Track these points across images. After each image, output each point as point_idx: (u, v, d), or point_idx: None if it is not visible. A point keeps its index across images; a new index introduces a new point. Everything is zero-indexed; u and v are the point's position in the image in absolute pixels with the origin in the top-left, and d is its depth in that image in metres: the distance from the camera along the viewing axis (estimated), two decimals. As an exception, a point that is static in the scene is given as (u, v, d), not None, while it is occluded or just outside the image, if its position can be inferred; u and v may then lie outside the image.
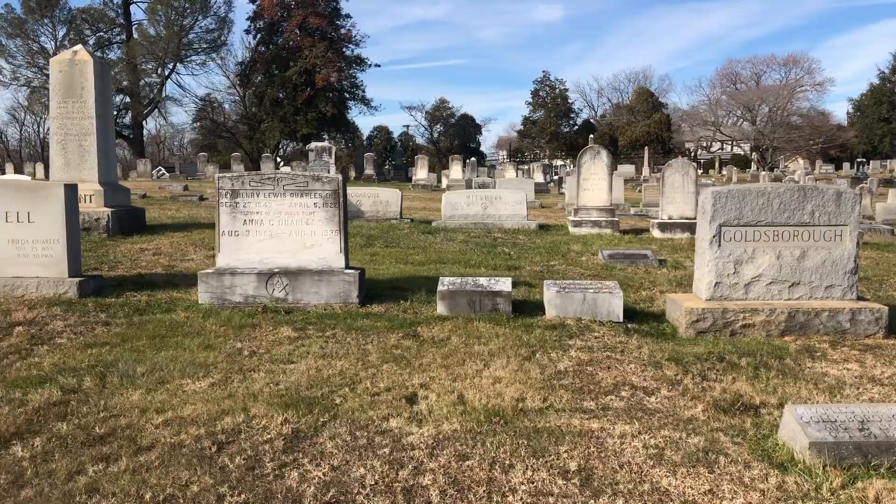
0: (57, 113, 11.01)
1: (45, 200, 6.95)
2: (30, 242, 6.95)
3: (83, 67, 10.99)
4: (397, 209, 14.02)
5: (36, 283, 6.89)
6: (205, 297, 6.90)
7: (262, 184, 6.95)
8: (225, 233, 7.00)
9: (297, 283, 6.92)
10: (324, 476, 3.48)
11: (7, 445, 3.72)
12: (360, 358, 5.36)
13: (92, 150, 11.06)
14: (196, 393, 4.53)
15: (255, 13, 58.22)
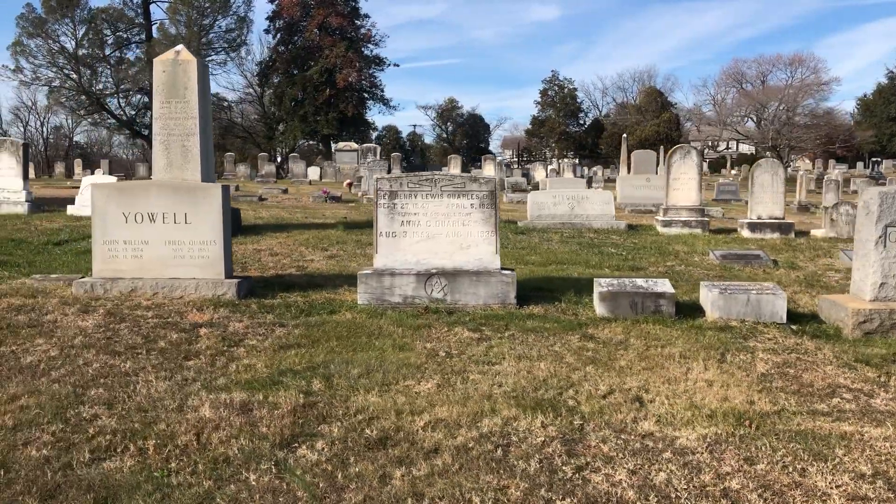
0: (160, 113, 10.98)
1: (202, 202, 6.96)
2: (186, 244, 6.96)
3: (186, 67, 10.96)
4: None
5: (195, 285, 6.89)
6: (364, 298, 6.88)
7: (419, 185, 6.93)
8: (382, 234, 6.99)
9: (455, 284, 6.89)
10: (629, 480, 3.45)
11: (292, 448, 3.70)
12: (556, 360, 5.33)
13: (195, 151, 11.03)
14: (429, 394, 4.50)
15: (274, 13, 58.24)
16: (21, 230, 11.31)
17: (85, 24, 54.06)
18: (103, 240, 6.97)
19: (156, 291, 6.87)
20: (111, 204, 6.94)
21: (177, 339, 5.59)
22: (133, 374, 4.77)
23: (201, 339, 5.60)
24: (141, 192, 7.01)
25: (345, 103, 57.96)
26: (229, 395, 4.41)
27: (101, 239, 6.97)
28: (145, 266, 6.97)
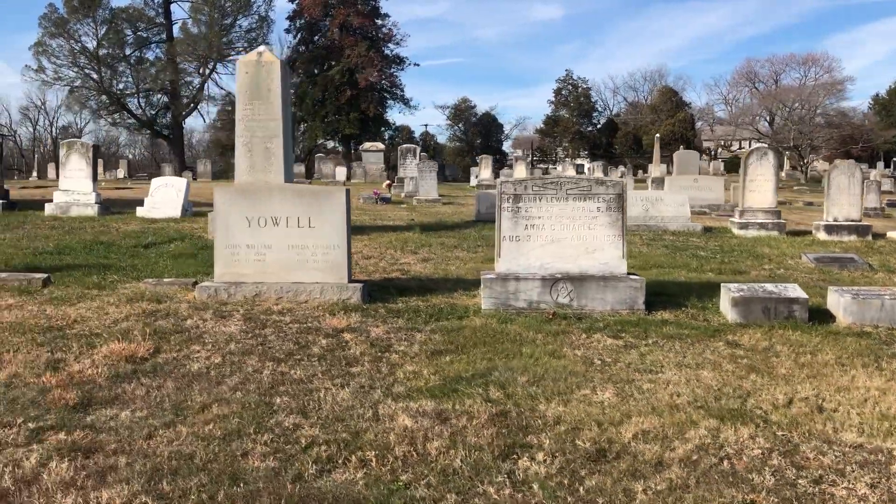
0: (243, 115, 10.99)
1: (326, 206, 6.91)
2: (310, 248, 6.90)
3: (270, 69, 10.96)
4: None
5: (319, 289, 6.84)
6: (489, 303, 6.81)
7: (544, 188, 6.85)
8: (506, 238, 6.91)
9: (581, 289, 6.81)
10: (875, 495, 3.35)
11: (511, 459, 3.63)
12: (715, 368, 5.24)
13: (278, 153, 11.04)
14: (613, 404, 4.43)
15: (294, 12, 58.24)
16: (103, 233, 11.31)
17: (106, 24, 54.22)
18: (226, 244, 6.92)
19: (280, 296, 6.82)
20: (234, 208, 6.90)
21: (326, 344, 5.53)
22: (307, 381, 4.71)
23: (351, 345, 5.54)
24: (264, 196, 6.96)
25: (366, 103, 57.90)
26: (416, 403, 4.34)
27: (224, 243, 6.92)
28: (268, 270, 6.92)
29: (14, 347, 5.20)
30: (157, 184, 13.49)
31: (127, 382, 4.60)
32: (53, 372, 4.71)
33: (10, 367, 4.79)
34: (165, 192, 13.21)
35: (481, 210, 14.21)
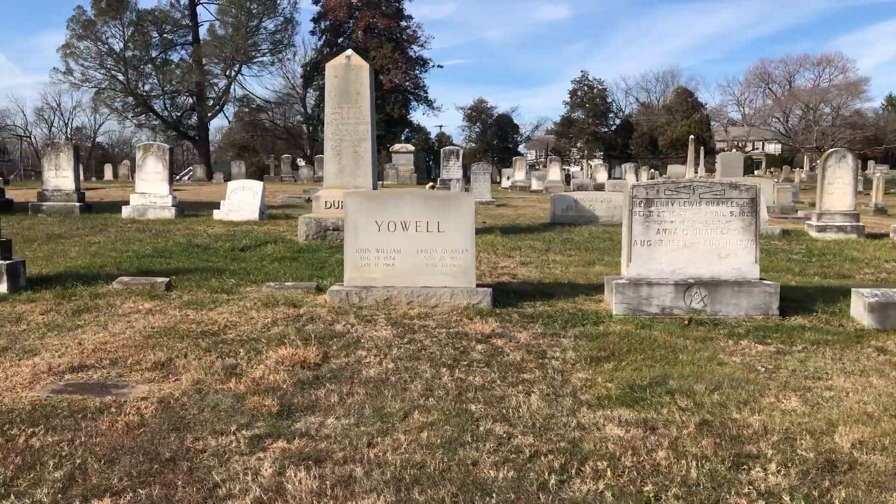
0: (331, 118, 11.02)
1: (455, 210, 6.89)
2: (438, 252, 6.89)
3: (359, 73, 10.98)
4: (631, 214, 13.82)
5: (449, 293, 6.82)
6: (620, 308, 6.76)
7: (677, 192, 6.79)
8: (637, 242, 6.86)
9: (715, 294, 6.75)
10: None
11: (742, 470, 3.58)
12: (882, 375, 5.18)
13: (367, 157, 11.05)
14: (805, 413, 4.38)
15: (319, 14, 58.41)
16: (192, 235, 11.37)
17: (132, 26, 54.60)
18: (355, 248, 6.93)
19: (411, 300, 6.81)
20: (363, 212, 6.90)
21: (483, 350, 5.52)
22: (488, 387, 4.70)
23: (507, 351, 5.51)
24: (393, 200, 6.96)
25: (391, 105, 58.03)
26: (612, 411, 4.31)
27: (354, 247, 6.93)
28: (396, 274, 6.92)
29: (182, 353, 5.22)
30: (234, 187, 13.55)
31: (314, 388, 4.60)
32: (237, 378, 4.71)
33: (192, 374, 4.80)
34: (242, 195, 13.27)
35: (556, 212, 14.17)
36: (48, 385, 4.63)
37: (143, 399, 4.38)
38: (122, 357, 5.14)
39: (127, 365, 5.02)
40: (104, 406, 4.23)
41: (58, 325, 6.00)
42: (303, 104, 63.91)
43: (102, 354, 5.19)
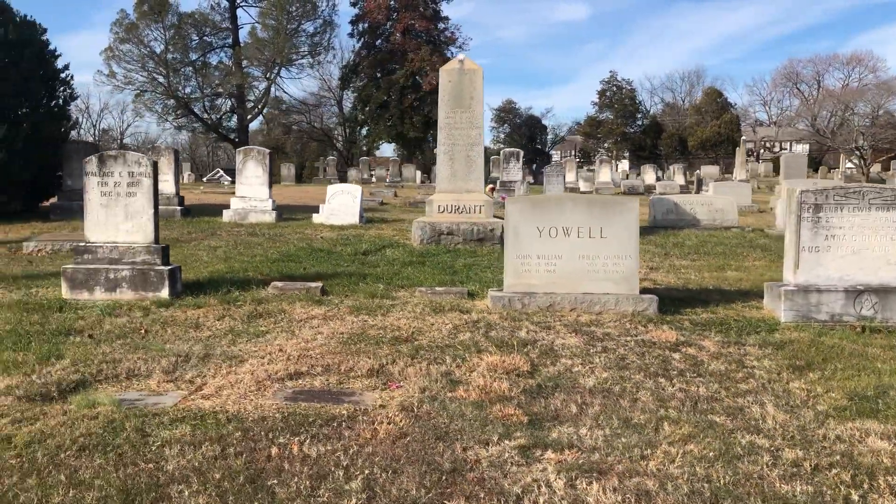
0: (444, 123, 11.02)
1: (617, 216, 6.85)
2: (601, 258, 6.85)
3: (472, 77, 10.98)
4: (734, 217, 13.71)
5: (614, 300, 6.78)
6: (788, 316, 6.68)
7: (846, 198, 6.69)
8: (805, 248, 6.76)
9: (886, 301, 6.64)
10: None
11: None
12: None
13: (479, 161, 11.05)
14: None
15: (357, 17, 58.60)
16: (304, 239, 11.45)
17: (172, 29, 55.12)
18: (516, 254, 6.91)
19: (574, 307, 6.78)
20: (524, 218, 6.89)
21: (681, 358, 5.48)
22: (716, 398, 4.66)
23: (705, 360, 5.47)
24: (554, 206, 6.93)
25: (430, 106, 58.12)
26: (859, 423, 4.24)
27: (515, 253, 6.91)
28: (557, 280, 6.89)
29: (388, 360, 5.24)
30: (333, 191, 13.62)
31: (543, 397, 4.59)
32: (464, 387, 4.71)
33: (413, 381, 4.82)
34: (342, 199, 13.34)
35: (657, 216, 14.05)
36: (278, 392, 4.67)
37: (382, 407, 4.40)
38: (333, 364, 5.17)
39: (341, 372, 5.05)
40: (350, 414, 4.25)
41: (242, 331, 6.06)
42: (339, 106, 64.21)
43: (311, 361, 5.22)
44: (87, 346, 5.66)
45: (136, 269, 7.22)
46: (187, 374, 5.05)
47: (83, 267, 7.26)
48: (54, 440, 3.86)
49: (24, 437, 3.88)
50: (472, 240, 10.78)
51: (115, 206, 7.26)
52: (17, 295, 7.44)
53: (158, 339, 5.85)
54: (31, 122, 13.54)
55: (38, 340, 5.80)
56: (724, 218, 13.71)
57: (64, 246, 10.15)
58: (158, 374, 5.04)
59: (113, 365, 5.20)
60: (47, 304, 6.97)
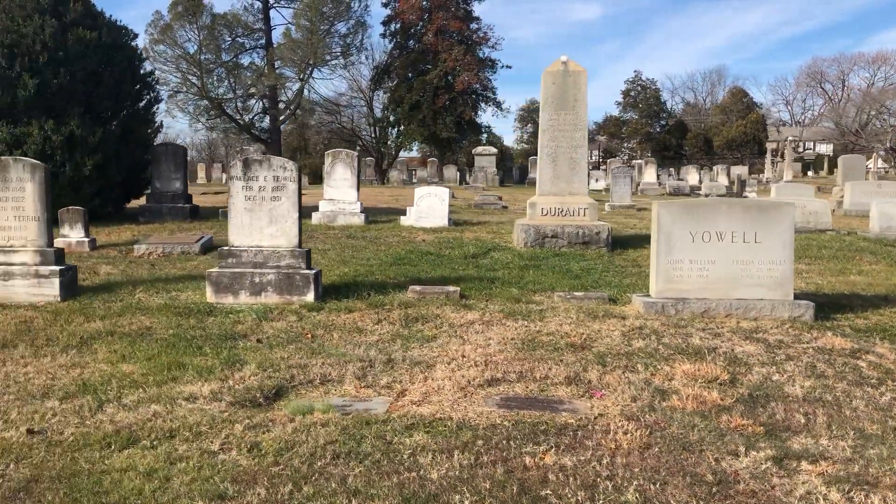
0: (548, 125, 10.96)
1: (773, 220, 6.76)
2: (755, 263, 6.76)
3: (577, 79, 10.91)
4: (828, 219, 13.52)
5: (769, 306, 6.70)
6: (953, 322, 6.52)
7: None
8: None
9: None
10: None
11: None
12: None
13: (582, 163, 10.98)
14: None
15: (389, 17, 58.65)
16: (405, 242, 11.44)
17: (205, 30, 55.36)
18: (667, 258, 6.84)
19: (729, 313, 6.69)
20: (677, 223, 6.81)
21: (868, 366, 5.40)
22: (937, 409, 4.53)
23: (894, 369, 5.33)
24: (708, 210, 6.85)
25: (462, 106, 58.03)
26: None
27: (666, 258, 6.84)
28: (709, 286, 6.80)
29: (580, 367, 5.20)
30: (421, 193, 13.60)
31: (761, 407, 4.52)
32: (676, 396, 4.65)
33: (619, 390, 4.77)
34: (430, 202, 13.32)
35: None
36: (487, 399, 4.64)
37: (601, 416, 4.35)
38: (524, 371, 5.14)
39: (537, 379, 5.01)
40: (578, 423, 4.21)
41: (409, 336, 6.05)
42: (369, 107, 64.35)
43: (502, 367, 5.20)
44: (263, 351, 5.68)
45: (281, 272, 7.24)
46: (381, 380, 5.04)
47: (228, 271, 7.29)
48: (302, 448, 3.85)
49: (271, 445, 3.88)
50: (577, 243, 10.70)
51: (259, 210, 7.29)
52: (160, 299, 7.50)
53: (329, 344, 5.86)
54: (122, 124, 13.67)
55: (209, 345, 5.83)
56: (818, 221, 13.50)
57: (175, 249, 10.22)
58: (352, 380, 5.04)
59: (301, 370, 5.21)
60: (195, 308, 7.01)
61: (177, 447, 3.87)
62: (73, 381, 4.96)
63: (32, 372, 5.19)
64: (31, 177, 7.40)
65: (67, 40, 12.85)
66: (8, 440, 3.94)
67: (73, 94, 12.94)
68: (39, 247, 7.48)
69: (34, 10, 12.85)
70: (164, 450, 3.83)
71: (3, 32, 12.35)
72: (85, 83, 13.11)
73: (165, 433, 4.04)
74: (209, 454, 3.80)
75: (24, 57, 12.42)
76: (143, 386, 4.87)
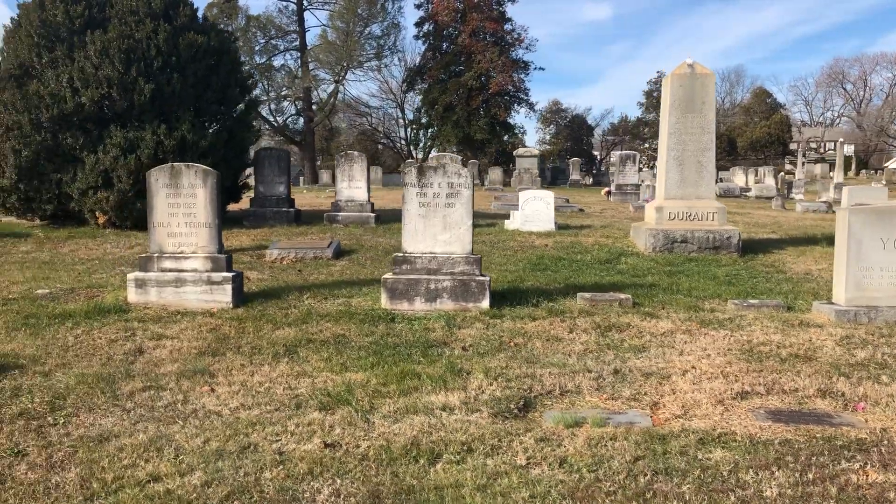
0: (675, 128, 10.84)
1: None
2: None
3: (705, 81, 10.78)
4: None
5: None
6: None
7: None
8: None
9: None
10: None
11: None
12: None
13: (709, 167, 10.84)
14: None
15: (422, 18, 58.64)
16: (531, 248, 11.38)
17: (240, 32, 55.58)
18: (858, 266, 6.70)
19: (927, 321, 6.53)
20: (867, 229, 6.67)
21: None
22: None
23: None
24: (902, 216, 6.70)
25: (496, 108, 57.93)
26: None
27: (856, 265, 6.70)
28: (902, 293, 6.65)
29: (823, 379, 5.09)
30: (526, 197, 13.52)
31: None
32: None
33: (884, 403, 4.65)
34: (535, 206, 13.24)
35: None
36: (755, 412, 4.55)
37: (884, 430, 4.23)
38: (769, 383, 5.04)
39: (787, 391, 4.92)
40: (873, 439, 4.10)
41: (615, 345, 5.99)
42: (400, 108, 64.45)
43: (744, 380, 5.10)
44: (476, 360, 5.63)
45: (456, 279, 7.21)
46: (622, 392, 4.97)
47: (403, 277, 7.27)
48: (613, 463, 3.79)
49: (578, 460, 3.82)
50: (707, 248, 10.57)
51: (433, 216, 7.26)
52: (331, 305, 7.49)
53: (537, 353, 5.80)
54: (228, 128, 13.75)
55: (416, 352, 5.80)
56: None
57: (307, 254, 10.23)
58: (590, 391, 4.98)
59: (533, 380, 5.16)
60: (375, 315, 6.99)
61: (484, 462, 3.82)
62: (314, 391, 4.93)
63: (265, 381, 5.17)
64: (202, 183, 7.43)
65: (179, 45, 12.94)
66: (310, 453, 3.91)
67: (184, 99, 13.03)
68: (210, 253, 7.50)
69: (146, 14, 12.95)
70: (473, 464, 3.78)
71: (120, 38, 12.45)
72: (194, 87, 13.20)
73: (461, 446, 3.99)
74: (520, 468, 3.75)
75: (140, 62, 12.52)
76: (388, 396, 4.83)
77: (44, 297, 7.76)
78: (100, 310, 7.13)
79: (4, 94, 12.59)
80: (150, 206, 7.48)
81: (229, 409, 4.61)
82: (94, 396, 4.77)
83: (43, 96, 12.36)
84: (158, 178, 7.44)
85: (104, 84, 12.33)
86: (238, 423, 4.32)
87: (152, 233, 7.52)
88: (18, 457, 3.83)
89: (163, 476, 3.62)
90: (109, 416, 4.44)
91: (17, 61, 12.82)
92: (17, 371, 5.26)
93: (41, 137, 12.42)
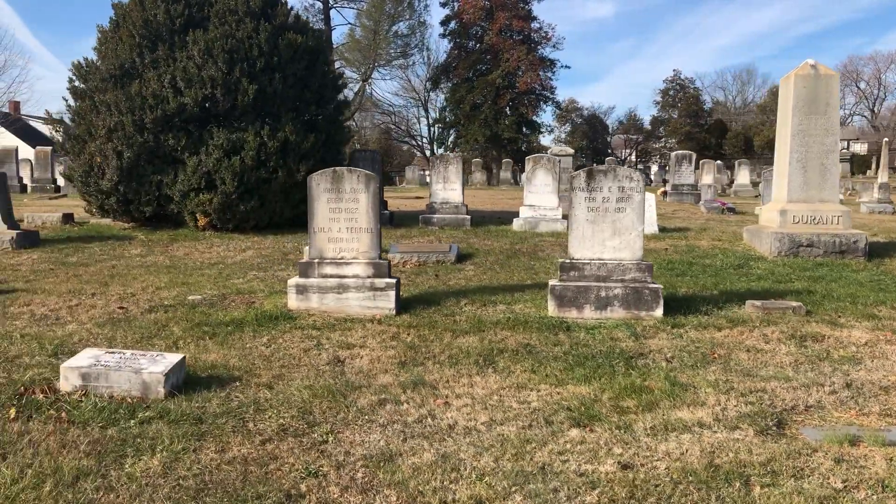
0: (798, 130, 10.62)
1: None
2: None
3: (829, 82, 10.56)
4: None
5: None
6: None
7: None
8: None
9: None
10: None
11: None
12: None
13: (834, 170, 10.63)
14: None
15: (447, 17, 58.45)
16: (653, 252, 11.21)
17: None
18: None
19: None
20: None
21: None
22: None
23: None
24: None
25: (524, 106, 57.68)
26: None
27: None
28: None
29: None
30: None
31: None
32: None
33: None
34: (636, 207, 13.02)
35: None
36: None
37: None
38: None
39: None
40: None
41: (821, 357, 5.83)
42: (424, 107, 64.24)
43: None
44: (689, 373, 5.48)
45: (627, 286, 7.06)
46: (870, 407, 4.81)
47: (572, 284, 7.13)
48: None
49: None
50: (832, 252, 10.36)
51: (601, 221, 7.11)
52: (495, 313, 7.36)
53: (747, 366, 5.65)
54: (324, 128, 13.66)
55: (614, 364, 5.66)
56: None
57: (430, 257, 10.11)
58: (834, 406, 4.82)
59: (766, 394, 5.00)
60: (546, 323, 6.86)
61: (799, 485, 3.67)
62: (548, 405, 4.81)
63: (489, 393, 5.04)
64: (364, 188, 7.33)
65: (279, 45, 12.86)
66: (610, 474, 3.79)
67: (285, 100, 12.96)
68: (371, 259, 7.40)
69: (245, 13, 12.88)
70: (792, 487, 3.64)
71: (223, 38, 12.38)
72: (293, 88, 13.12)
73: (761, 468, 3.85)
74: (841, 492, 3.60)
75: (244, 62, 12.45)
76: (632, 412, 4.70)
77: (200, 304, 7.68)
78: (267, 317, 7.04)
79: (107, 95, 12.55)
80: (310, 210, 7.39)
81: (482, 423, 4.50)
82: (337, 411, 4.66)
83: (146, 97, 12.31)
84: (320, 183, 7.35)
85: (208, 84, 12.27)
86: (507, 441, 4.20)
87: (312, 238, 7.43)
88: (318, 478, 3.72)
89: (485, 500, 3.50)
90: (371, 433, 4.32)
91: (118, 62, 12.77)
92: (237, 383, 5.16)
93: (143, 139, 12.37)
